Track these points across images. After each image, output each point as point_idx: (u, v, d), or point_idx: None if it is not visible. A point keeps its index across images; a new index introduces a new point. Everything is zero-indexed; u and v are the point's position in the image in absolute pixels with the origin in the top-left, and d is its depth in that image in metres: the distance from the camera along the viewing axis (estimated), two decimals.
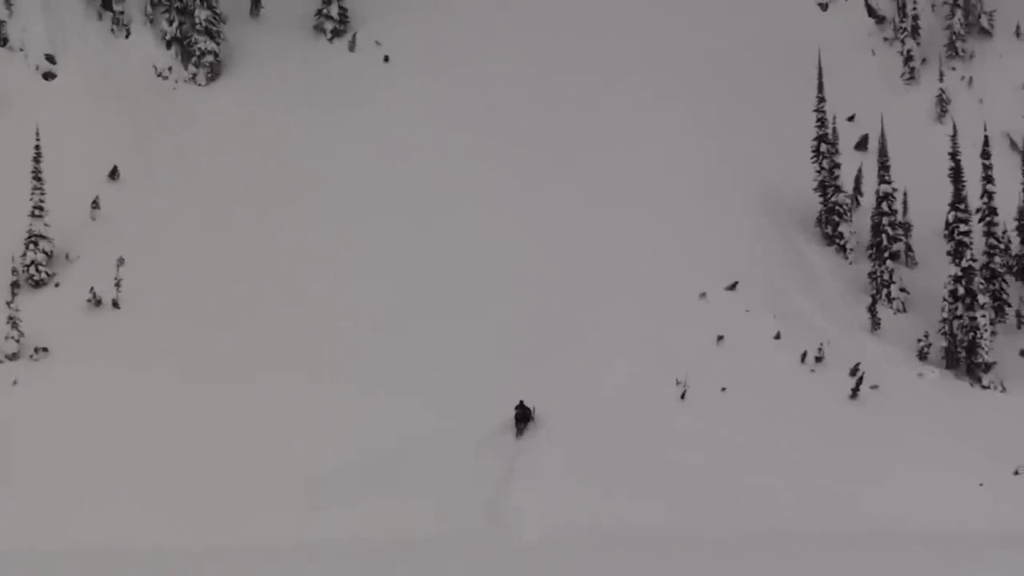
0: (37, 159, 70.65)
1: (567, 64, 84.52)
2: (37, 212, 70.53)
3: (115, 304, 68.43)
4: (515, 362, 62.82)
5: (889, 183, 72.04)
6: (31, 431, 60.10)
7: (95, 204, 74.01)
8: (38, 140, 70.68)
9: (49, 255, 70.77)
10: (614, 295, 67.23)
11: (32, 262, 69.97)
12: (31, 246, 70.18)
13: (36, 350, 65.47)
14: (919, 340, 67.16)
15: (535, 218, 72.56)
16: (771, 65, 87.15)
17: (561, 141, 77.94)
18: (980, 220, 70.35)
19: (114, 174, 76.07)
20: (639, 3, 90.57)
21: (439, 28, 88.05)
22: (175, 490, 56.49)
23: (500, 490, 55.46)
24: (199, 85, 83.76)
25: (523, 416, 59.47)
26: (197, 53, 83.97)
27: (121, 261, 69.52)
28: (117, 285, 68.68)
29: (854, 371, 63.31)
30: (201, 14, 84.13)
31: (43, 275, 70.10)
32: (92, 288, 68.45)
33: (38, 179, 70.60)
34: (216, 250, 71.70)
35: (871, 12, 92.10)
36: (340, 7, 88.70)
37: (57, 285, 70.08)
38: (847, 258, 73.60)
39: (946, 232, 69.31)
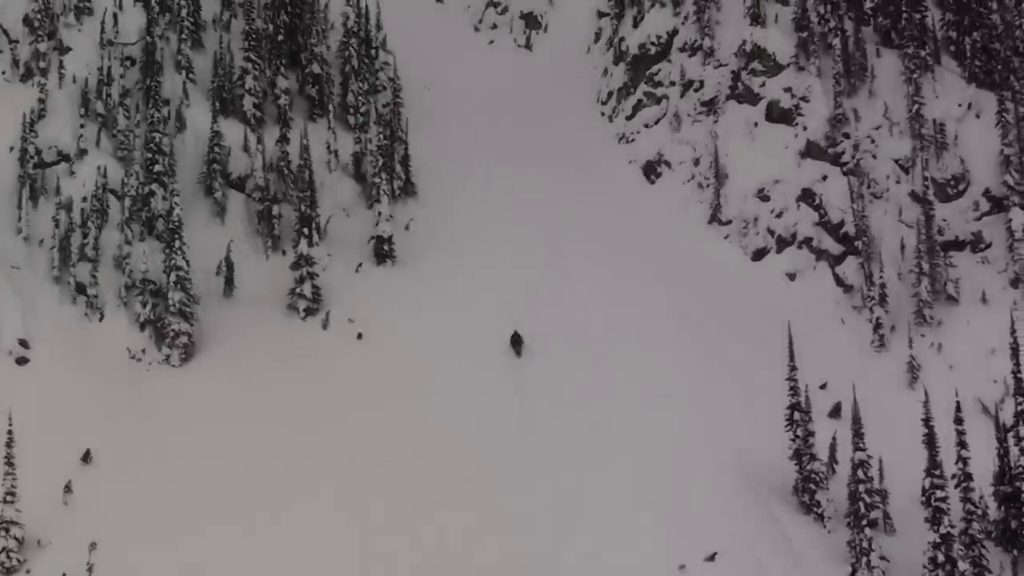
0: (9, 444, 70.30)
1: (536, 332, 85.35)
2: (9, 498, 69.89)
3: None
4: None
5: (864, 450, 71.93)
6: None
7: (68, 488, 73.43)
8: (10, 425, 70.46)
9: (20, 541, 69.90)
10: (588, 570, 66.60)
11: (3, 549, 69.10)
12: (2, 533, 69.33)
13: None
14: None
15: (508, 492, 72.32)
16: (742, 333, 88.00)
17: (530, 417, 78.22)
18: (956, 486, 70.04)
19: (87, 458, 75.67)
20: (611, 272, 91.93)
21: (412, 304, 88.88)
22: None
23: None
24: (173, 366, 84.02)
25: None
26: (171, 335, 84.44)
27: (93, 546, 68.78)
28: (89, 571, 67.76)
29: None
30: (175, 296, 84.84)
31: (14, 562, 69.17)
32: (64, 574, 67.49)
33: (10, 464, 70.14)
34: (189, 532, 70.83)
35: (839, 282, 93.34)
36: (313, 286, 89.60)
37: (28, 572, 69.09)
38: (825, 526, 73.11)
39: (923, 499, 68.93)
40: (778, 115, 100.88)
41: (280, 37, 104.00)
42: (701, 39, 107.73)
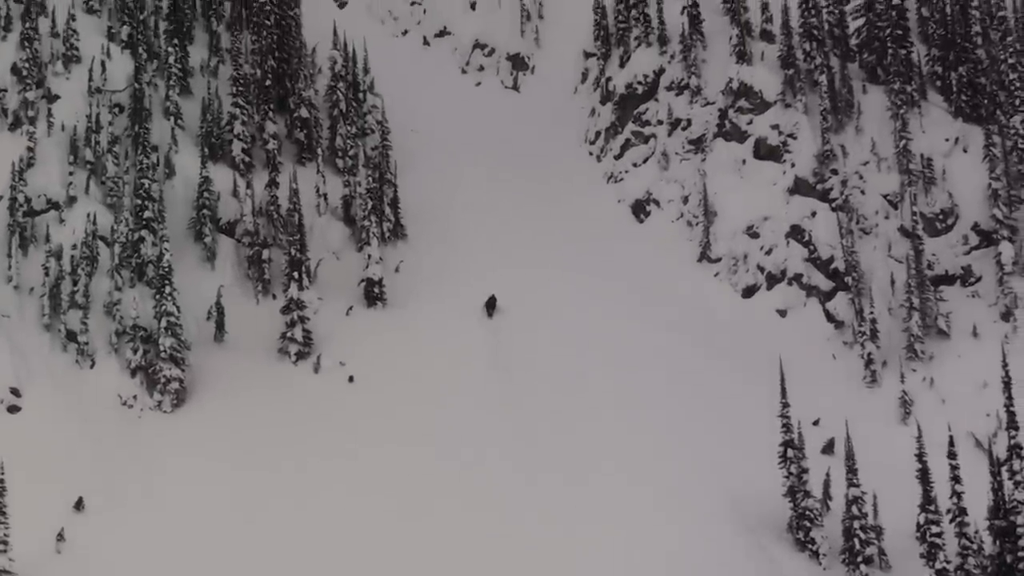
0: (1, 492, 70.01)
1: (533, 375, 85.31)
2: (1, 547, 69.52)
3: None
4: None
5: (858, 486, 71.98)
6: None
7: (60, 536, 73.15)
8: (2, 473, 70.16)
9: None
10: None
11: None
12: None
13: None
14: None
15: (499, 538, 72.17)
16: (734, 369, 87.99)
17: (529, 459, 78.04)
18: (951, 521, 70.01)
19: (79, 505, 75.42)
20: (602, 311, 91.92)
21: (403, 347, 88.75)
22: None
23: None
24: (164, 412, 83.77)
25: None
26: (162, 380, 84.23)
27: None
28: None
29: None
30: (165, 342, 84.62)
31: None
32: None
33: (2, 513, 69.71)
34: None
35: (829, 317, 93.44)
36: (304, 330, 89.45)
37: None
38: (820, 563, 73.00)
39: (918, 534, 69.02)
40: (766, 152, 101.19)
41: (268, 82, 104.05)
42: (688, 78, 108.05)
